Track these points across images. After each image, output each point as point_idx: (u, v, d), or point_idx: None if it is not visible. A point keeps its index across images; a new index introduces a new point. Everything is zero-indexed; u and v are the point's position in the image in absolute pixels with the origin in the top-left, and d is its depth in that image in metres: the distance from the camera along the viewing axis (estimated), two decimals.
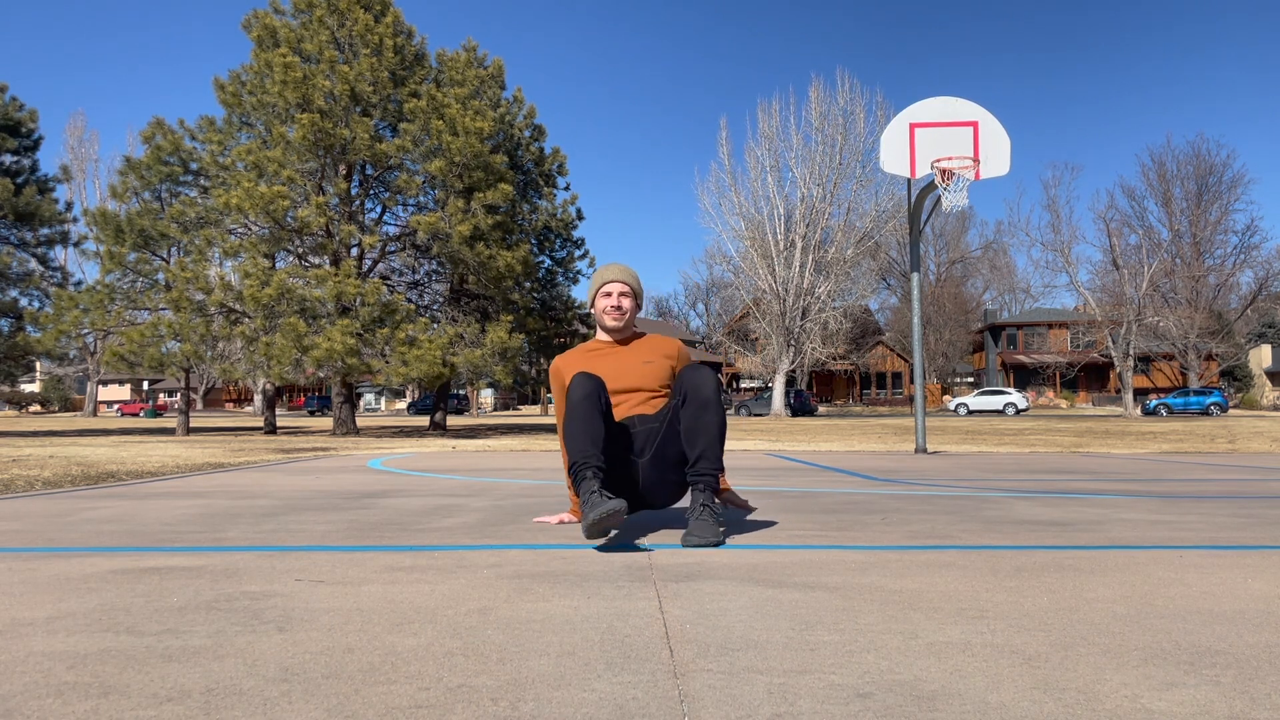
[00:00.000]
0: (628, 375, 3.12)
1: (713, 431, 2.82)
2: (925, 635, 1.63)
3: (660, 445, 2.96)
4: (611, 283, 3.23)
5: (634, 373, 3.13)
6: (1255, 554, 2.60)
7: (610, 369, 3.11)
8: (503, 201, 19.53)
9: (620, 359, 3.18)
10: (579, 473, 2.73)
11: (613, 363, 3.16)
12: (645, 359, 3.18)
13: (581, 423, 2.79)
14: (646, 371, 3.13)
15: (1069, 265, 41.76)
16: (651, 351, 3.22)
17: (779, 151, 39.63)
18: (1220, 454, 9.95)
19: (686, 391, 2.86)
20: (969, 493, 4.72)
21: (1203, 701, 1.25)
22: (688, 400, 2.85)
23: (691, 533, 2.70)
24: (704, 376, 2.87)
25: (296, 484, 5.41)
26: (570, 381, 2.90)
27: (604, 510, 2.49)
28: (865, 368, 61.75)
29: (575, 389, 2.84)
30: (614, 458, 2.88)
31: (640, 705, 1.24)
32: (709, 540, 2.66)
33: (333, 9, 19.94)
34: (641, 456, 2.98)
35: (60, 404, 65.88)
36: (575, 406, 2.81)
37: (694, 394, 2.84)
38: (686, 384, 2.88)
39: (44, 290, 24.85)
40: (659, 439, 2.96)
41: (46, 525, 3.35)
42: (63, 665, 1.44)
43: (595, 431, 2.78)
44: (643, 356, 3.19)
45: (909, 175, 9.62)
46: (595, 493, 2.63)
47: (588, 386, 2.84)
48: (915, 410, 10.20)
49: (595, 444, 2.76)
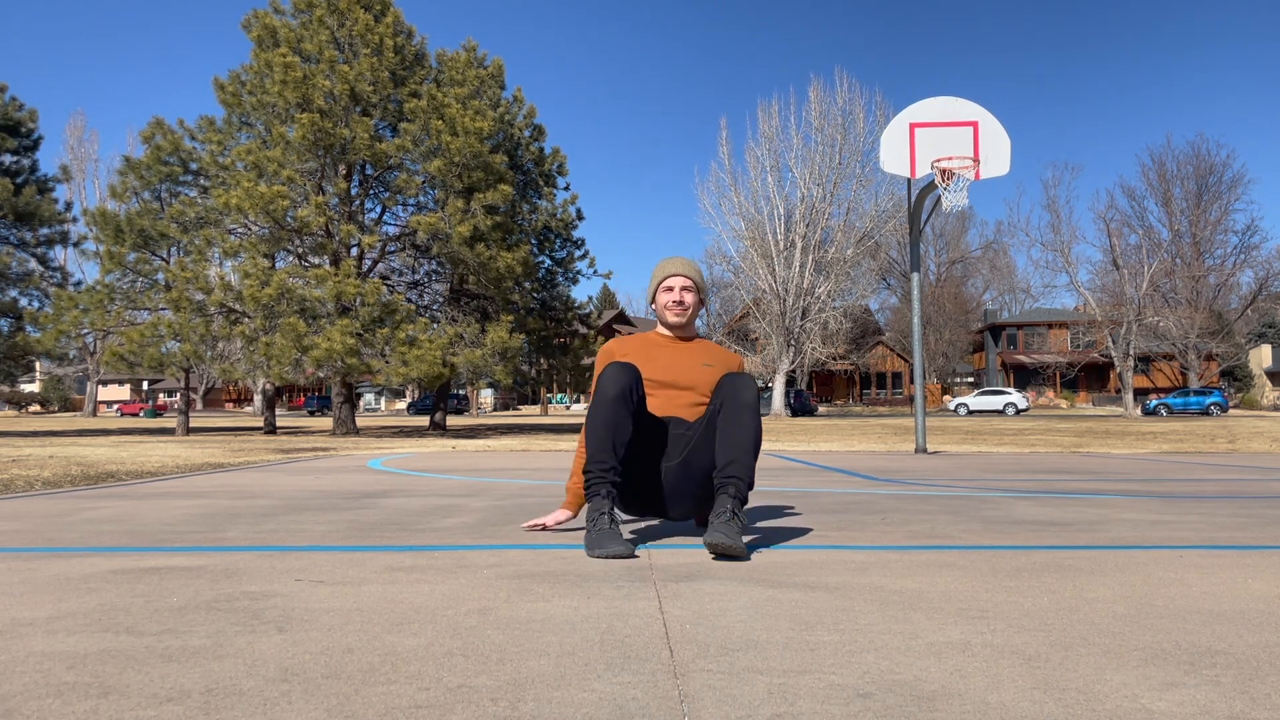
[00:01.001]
0: (684, 372, 2.98)
1: (748, 438, 2.66)
2: (925, 635, 1.63)
3: (690, 453, 2.81)
4: (674, 276, 3.06)
5: (692, 372, 2.99)
6: (1255, 554, 2.60)
7: (667, 363, 2.99)
8: (502, 202, 19.53)
9: (680, 355, 3.04)
10: (592, 485, 2.62)
11: (672, 357, 3.02)
12: (707, 361, 3.03)
13: (607, 424, 2.63)
14: (705, 375, 2.99)
15: (1069, 265, 41.79)
16: (714, 357, 3.07)
17: (779, 151, 39.66)
18: (1220, 454, 9.94)
19: (726, 396, 2.73)
20: (969, 493, 4.72)
21: (1203, 701, 1.25)
22: (725, 405, 2.72)
23: (715, 530, 2.48)
24: (744, 383, 2.74)
25: (296, 484, 5.41)
26: (604, 372, 2.72)
27: (609, 553, 2.45)
28: (865, 368, 61.73)
29: (608, 382, 2.67)
30: (641, 455, 2.77)
31: (640, 705, 1.24)
32: (733, 544, 2.44)
33: (333, 9, 19.94)
34: (670, 461, 2.84)
35: (60, 404, 65.87)
36: (605, 403, 2.65)
37: (734, 398, 2.70)
38: (727, 388, 2.74)
39: (44, 290, 24.85)
40: (690, 446, 2.82)
41: (46, 525, 3.35)
42: (63, 665, 1.44)
43: (620, 435, 2.64)
44: (704, 359, 3.04)
45: (909, 175, 9.62)
46: (604, 515, 2.53)
47: (622, 381, 2.67)
48: (915, 410, 10.19)
49: (617, 451, 2.62)
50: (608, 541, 2.47)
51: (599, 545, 2.47)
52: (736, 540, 2.45)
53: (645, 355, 3.01)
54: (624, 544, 2.48)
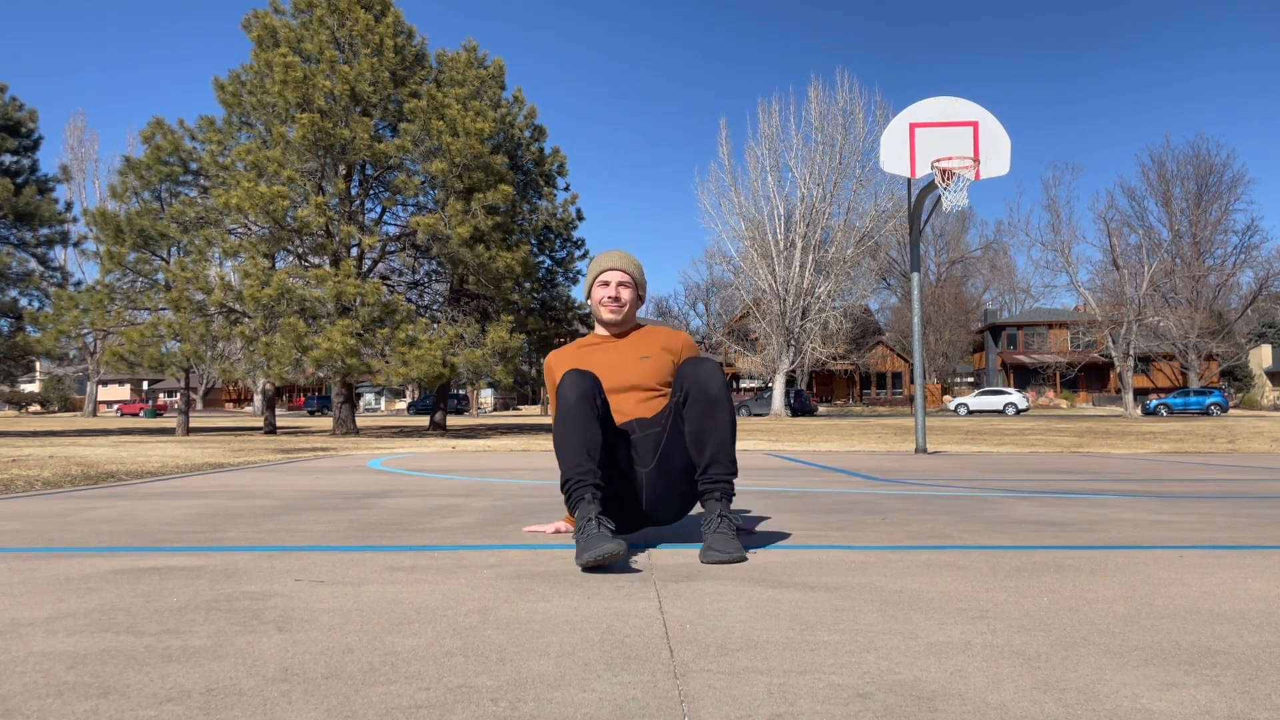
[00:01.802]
0: (623, 372, 2.81)
1: (723, 432, 2.52)
2: (925, 635, 1.63)
3: (664, 453, 2.64)
4: (609, 271, 2.90)
5: (630, 369, 2.82)
6: (1255, 554, 2.60)
7: (604, 365, 2.82)
8: (503, 202, 19.54)
9: (616, 353, 2.87)
10: (573, 491, 2.43)
11: (607, 358, 2.86)
12: (643, 353, 2.86)
13: (575, 431, 2.47)
14: (644, 367, 2.82)
15: (1069, 265, 41.80)
16: (650, 345, 2.89)
17: (779, 151, 39.69)
18: (1220, 454, 9.94)
19: (689, 389, 2.55)
20: (969, 493, 4.72)
21: (1203, 701, 1.25)
22: (691, 398, 2.54)
23: (711, 547, 2.41)
24: (708, 370, 2.56)
25: (296, 484, 5.41)
26: (561, 381, 2.56)
27: (601, 553, 2.23)
28: (865, 368, 61.74)
29: (567, 390, 2.51)
30: (613, 468, 2.58)
31: (640, 705, 1.24)
32: (732, 556, 2.37)
33: (333, 9, 19.94)
34: (645, 467, 2.66)
35: (60, 404, 65.88)
36: (568, 411, 2.48)
37: (698, 391, 2.53)
38: (688, 379, 2.57)
39: (44, 290, 24.87)
40: (662, 445, 2.64)
41: (46, 525, 3.35)
42: (63, 665, 1.44)
43: (591, 440, 2.47)
44: (640, 350, 2.87)
45: (909, 175, 9.62)
46: (592, 520, 2.34)
47: (582, 386, 2.51)
48: (915, 410, 10.20)
49: (591, 455, 2.45)
50: (595, 543, 2.26)
51: (587, 549, 2.26)
52: (734, 550, 2.39)
53: (584, 360, 2.87)
54: (614, 541, 2.26)
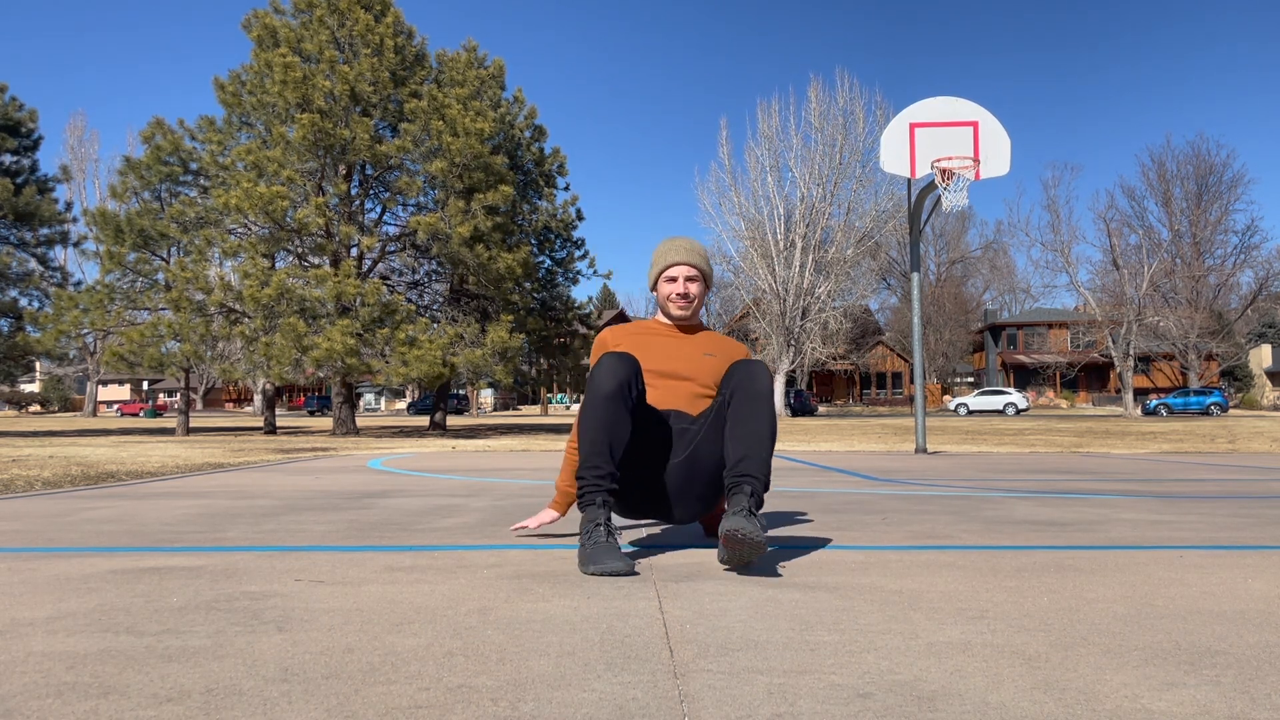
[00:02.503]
0: (685, 362, 2.72)
1: (763, 430, 2.41)
2: (925, 635, 1.63)
3: (695, 450, 2.57)
4: (677, 265, 2.76)
5: (693, 362, 2.73)
6: (1255, 554, 2.60)
7: (664, 352, 2.74)
8: (503, 202, 19.54)
9: (677, 345, 2.78)
10: (586, 493, 2.37)
11: (669, 346, 2.77)
12: (708, 350, 2.77)
13: (602, 427, 2.37)
14: (706, 364, 2.72)
15: (1069, 265, 41.79)
16: (717, 346, 2.80)
17: (779, 151, 39.63)
18: (1220, 454, 9.94)
19: (736, 385, 2.47)
20: (969, 493, 4.72)
21: (1203, 701, 1.25)
22: (736, 394, 2.46)
23: (735, 516, 2.23)
24: (759, 371, 2.49)
25: (296, 484, 5.41)
26: (599, 363, 2.44)
27: (607, 569, 2.20)
28: (865, 368, 61.74)
29: (603, 376, 2.39)
30: (641, 453, 2.51)
31: (640, 705, 1.24)
32: (754, 536, 2.17)
33: (333, 9, 19.94)
34: (674, 459, 2.58)
35: (60, 404, 65.87)
36: (599, 400, 2.38)
37: (747, 387, 2.45)
38: (739, 376, 2.48)
39: (44, 290, 24.86)
40: (696, 443, 2.57)
41: (46, 525, 3.35)
42: (62, 665, 1.44)
43: (616, 439, 2.38)
44: (706, 348, 2.77)
45: (909, 175, 9.62)
46: (600, 526, 2.30)
47: (620, 375, 2.39)
48: (915, 410, 10.19)
49: (613, 454, 2.37)
50: (604, 557, 2.23)
51: (595, 561, 2.23)
52: (756, 533, 2.18)
53: (642, 344, 2.77)
54: (623, 560, 2.23)
